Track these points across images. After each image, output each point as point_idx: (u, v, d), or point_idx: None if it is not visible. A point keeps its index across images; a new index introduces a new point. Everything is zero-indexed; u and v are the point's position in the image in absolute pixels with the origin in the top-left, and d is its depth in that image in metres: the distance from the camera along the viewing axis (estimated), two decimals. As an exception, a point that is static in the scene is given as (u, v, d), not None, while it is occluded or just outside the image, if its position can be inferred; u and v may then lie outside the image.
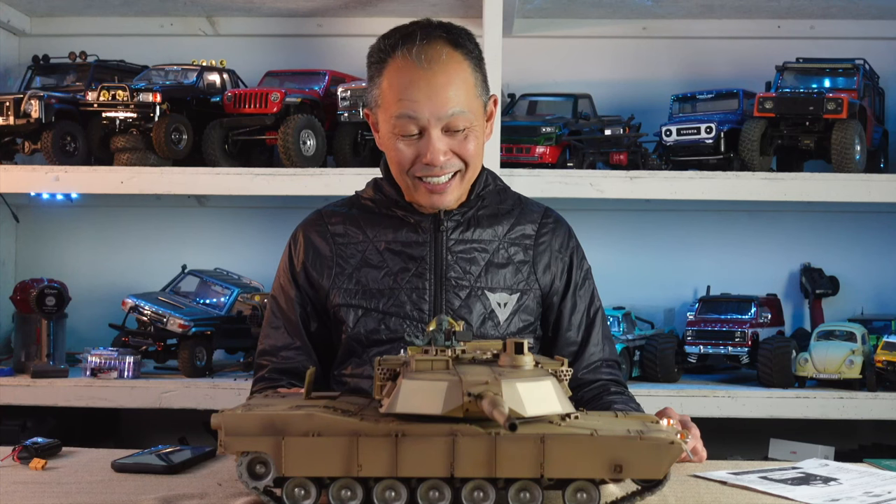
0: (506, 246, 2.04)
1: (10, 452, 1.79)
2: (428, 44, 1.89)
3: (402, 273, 1.97)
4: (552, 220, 2.12)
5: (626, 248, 3.62)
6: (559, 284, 2.08)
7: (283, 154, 3.15)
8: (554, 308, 2.08)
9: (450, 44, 1.91)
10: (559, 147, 3.21)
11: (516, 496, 1.35)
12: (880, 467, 1.82)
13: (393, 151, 1.93)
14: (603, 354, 2.11)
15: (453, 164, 1.92)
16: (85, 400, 3.09)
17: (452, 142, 1.91)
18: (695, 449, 1.84)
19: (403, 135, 1.90)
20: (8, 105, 3.20)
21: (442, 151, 1.89)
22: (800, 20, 3.56)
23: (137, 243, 3.71)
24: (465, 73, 1.91)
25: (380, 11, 3.52)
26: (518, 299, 2.02)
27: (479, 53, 1.97)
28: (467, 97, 1.91)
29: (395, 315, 1.95)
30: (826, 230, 3.61)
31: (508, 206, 2.09)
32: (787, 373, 3.08)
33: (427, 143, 1.89)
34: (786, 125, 3.14)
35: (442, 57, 1.88)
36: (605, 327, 2.14)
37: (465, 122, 1.90)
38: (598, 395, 2.06)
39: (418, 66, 1.87)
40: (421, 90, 1.87)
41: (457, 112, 1.88)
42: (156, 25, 3.69)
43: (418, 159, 1.91)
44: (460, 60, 1.91)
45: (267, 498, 1.38)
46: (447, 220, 2.00)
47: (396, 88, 1.89)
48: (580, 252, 2.14)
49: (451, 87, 1.88)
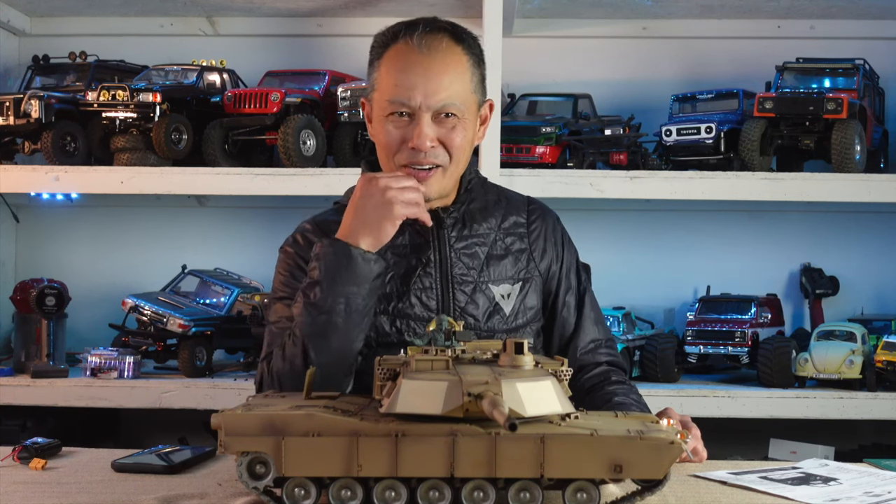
0: (502, 237, 2.05)
1: (10, 452, 1.79)
2: (430, 32, 1.91)
3: (409, 274, 1.97)
4: (537, 206, 2.15)
5: (626, 248, 3.62)
6: (556, 268, 2.10)
7: (283, 154, 3.15)
8: (552, 292, 2.10)
9: (452, 37, 1.93)
10: (559, 147, 3.21)
11: (516, 496, 1.35)
12: (880, 467, 1.82)
13: (382, 134, 1.94)
14: (597, 334, 2.12)
15: (437, 154, 1.92)
16: (85, 400, 3.09)
17: (441, 130, 1.91)
18: (695, 449, 1.84)
19: (395, 116, 1.91)
20: (8, 105, 3.20)
21: (429, 137, 1.90)
22: (800, 20, 3.56)
23: (137, 243, 3.71)
24: (462, 66, 1.93)
25: (380, 11, 3.52)
26: (521, 288, 2.03)
27: (480, 54, 1.99)
28: (462, 89, 1.92)
29: (405, 317, 1.95)
30: (826, 230, 3.61)
31: (494, 197, 2.11)
32: (787, 373, 3.08)
33: (415, 127, 1.90)
34: (786, 125, 3.14)
35: (442, 45, 1.91)
36: (596, 307, 2.16)
37: (455, 112, 1.91)
38: (599, 383, 2.06)
39: (418, 51, 1.89)
40: (418, 74, 1.89)
41: (448, 101, 1.90)
42: (156, 25, 3.69)
43: (405, 144, 1.92)
44: (460, 54, 1.93)
45: (267, 498, 1.38)
46: (447, 217, 2.01)
47: (393, 71, 1.91)
48: (567, 236, 2.16)
49: (446, 76, 1.90)
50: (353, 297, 1.82)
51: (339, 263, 1.82)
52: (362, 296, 1.83)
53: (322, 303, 1.81)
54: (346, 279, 1.81)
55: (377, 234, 1.85)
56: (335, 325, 1.81)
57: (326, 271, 1.82)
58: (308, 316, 1.82)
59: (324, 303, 1.81)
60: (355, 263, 1.82)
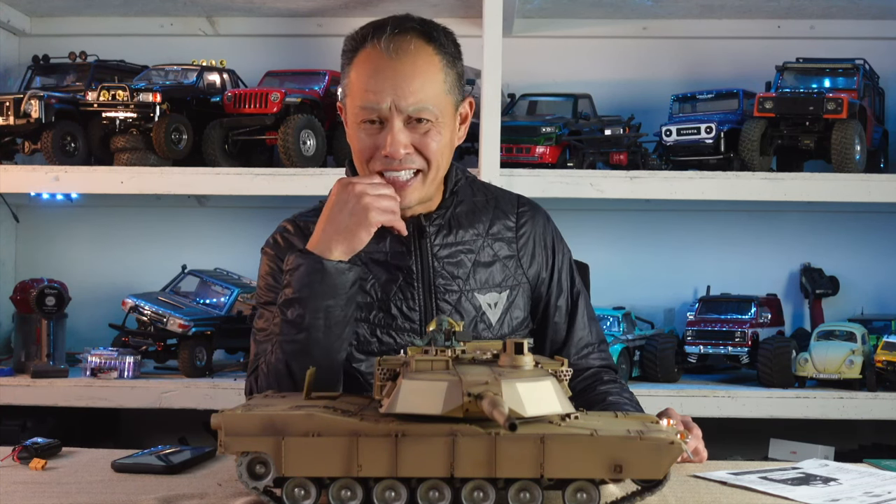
0: (490, 243, 2.00)
1: (10, 452, 1.79)
2: (398, 34, 1.85)
3: (389, 284, 1.92)
4: (527, 207, 2.09)
5: (626, 248, 3.62)
6: (545, 275, 2.06)
7: (283, 154, 3.15)
8: (542, 297, 2.06)
9: (422, 36, 1.87)
10: (559, 147, 3.21)
11: (516, 496, 1.35)
12: (880, 467, 1.82)
13: (355, 141, 1.89)
14: (591, 338, 2.09)
15: (413, 160, 1.87)
16: (85, 400, 3.09)
17: (414, 135, 1.85)
18: (696, 449, 1.83)
19: (365, 122, 1.86)
20: (8, 105, 3.20)
21: (402, 144, 1.84)
22: (800, 20, 3.56)
23: (137, 243, 3.71)
24: (434, 67, 1.87)
25: (380, 11, 3.51)
26: (508, 296, 1.99)
27: (454, 51, 1.92)
28: (434, 92, 1.86)
29: (385, 327, 1.92)
30: (826, 230, 3.61)
31: (482, 198, 2.05)
32: (787, 373, 3.08)
33: (387, 133, 1.84)
34: (786, 125, 3.14)
35: (410, 48, 1.85)
36: (589, 309, 2.12)
37: (428, 117, 1.85)
38: (591, 384, 2.04)
39: (386, 56, 1.83)
40: (386, 79, 1.83)
41: (420, 106, 1.84)
42: (156, 25, 3.69)
43: (378, 151, 1.86)
44: (431, 54, 1.87)
45: (267, 498, 1.38)
46: (429, 226, 1.96)
47: (363, 77, 1.86)
48: (559, 235, 2.12)
49: (416, 79, 1.83)
50: (332, 310, 1.78)
51: (313, 278, 1.77)
52: (340, 307, 1.79)
53: (300, 320, 1.78)
54: (321, 293, 1.77)
55: (351, 241, 1.80)
56: (316, 340, 1.78)
57: (301, 287, 1.78)
58: (287, 334, 1.79)
59: (302, 320, 1.77)
60: (329, 276, 1.77)
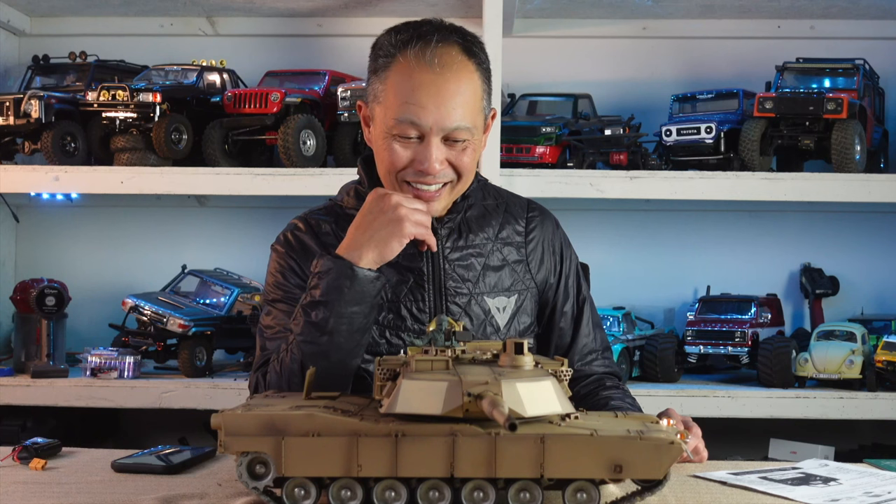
0: (499, 247, 2.01)
1: (10, 452, 1.79)
2: (442, 46, 1.83)
3: (400, 285, 1.93)
4: (537, 211, 2.09)
5: (626, 248, 3.62)
6: (553, 281, 2.07)
7: (283, 154, 3.15)
8: (549, 302, 2.07)
9: (464, 51, 1.85)
10: (559, 147, 3.21)
11: (516, 496, 1.35)
12: (880, 467, 1.82)
13: (386, 152, 1.87)
14: (595, 345, 2.10)
15: (447, 174, 1.87)
16: (85, 400, 3.09)
17: (451, 152, 1.85)
18: (696, 449, 1.83)
19: (402, 136, 1.84)
20: (8, 105, 3.21)
21: (439, 161, 1.84)
22: (800, 20, 3.56)
23: (137, 243, 3.71)
24: (474, 84, 1.86)
25: (380, 11, 3.52)
26: (517, 301, 2.00)
27: (489, 65, 1.92)
28: (472, 111, 1.85)
29: (395, 328, 1.92)
30: (826, 230, 3.61)
31: (492, 202, 2.06)
32: (787, 373, 3.08)
33: (425, 149, 1.83)
34: (786, 125, 3.14)
35: (455, 62, 1.82)
36: (594, 315, 2.13)
37: (465, 136, 1.85)
38: (593, 390, 2.05)
39: (430, 70, 1.81)
40: (430, 96, 1.81)
41: (461, 126, 1.83)
42: (156, 25, 3.69)
43: (412, 164, 1.85)
44: (472, 70, 1.86)
45: (267, 498, 1.38)
46: (441, 228, 1.96)
47: (404, 89, 1.82)
48: (567, 241, 2.12)
49: (459, 97, 1.82)
50: (356, 317, 1.78)
51: (343, 284, 1.77)
52: (364, 314, 1.79)
53: (325, 324, 1.77)
54: (349, 300, 1.77)
55: (383, 250, 1.80)
56: (337, 345, 1.78)
57: (329, 291, 1.77)
58: (309, 335, 1.78)
59: (326, 324, 1.77)
60: (359, 283, 1.77)
